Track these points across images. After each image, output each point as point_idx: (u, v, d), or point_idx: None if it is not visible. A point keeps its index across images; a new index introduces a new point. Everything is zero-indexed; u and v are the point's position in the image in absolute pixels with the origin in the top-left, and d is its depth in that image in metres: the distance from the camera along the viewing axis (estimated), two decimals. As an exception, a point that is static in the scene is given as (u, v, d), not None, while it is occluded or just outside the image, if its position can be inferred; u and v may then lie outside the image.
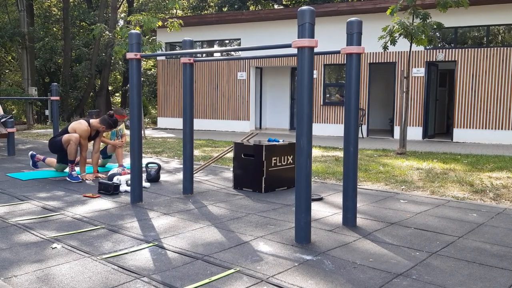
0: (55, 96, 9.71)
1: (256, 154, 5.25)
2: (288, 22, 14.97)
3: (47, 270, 2.82)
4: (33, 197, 4.85)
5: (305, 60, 3.27)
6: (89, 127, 6.08)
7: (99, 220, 3.97)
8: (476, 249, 3.29)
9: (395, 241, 3.48)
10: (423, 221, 4.05)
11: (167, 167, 7.13)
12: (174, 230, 3.70)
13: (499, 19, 12.41)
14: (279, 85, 16.93)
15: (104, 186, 5.08)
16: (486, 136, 12.51)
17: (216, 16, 16.79)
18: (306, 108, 3.29)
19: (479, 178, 6.22)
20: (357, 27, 3.73)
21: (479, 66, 12.59)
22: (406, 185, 5.77)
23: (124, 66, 26.42)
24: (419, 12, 8.73)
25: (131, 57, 4.48)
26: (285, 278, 2.73)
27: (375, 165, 7.44)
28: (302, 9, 3.24)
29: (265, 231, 3.71)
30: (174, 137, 13.34)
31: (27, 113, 20.03)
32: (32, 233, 3.57)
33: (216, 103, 16.63)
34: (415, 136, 13.07)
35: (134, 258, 3.04)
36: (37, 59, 22.84)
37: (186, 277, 2.73)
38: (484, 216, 4.25)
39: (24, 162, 7.43)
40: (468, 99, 12.74)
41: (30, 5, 21.52)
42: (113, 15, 22.02)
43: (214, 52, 7.69)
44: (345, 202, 3.88)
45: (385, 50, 8.95)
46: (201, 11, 24.60)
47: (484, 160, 8.16)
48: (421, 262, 3.01)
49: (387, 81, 15.34)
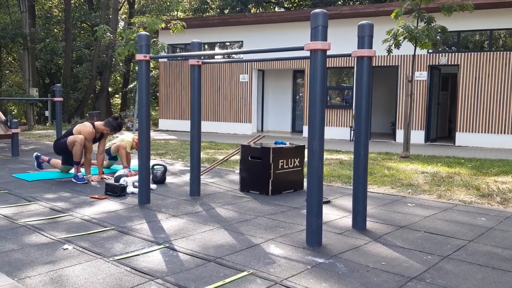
0: (58, 97, 9.70)
1: (263, 157, 5.25)
2: (291, 25, 14.98)
3: (60, 271, 2.81)
4: (40, 198, 4.84)
5: (318, 63, 3.27)
6: (93, 129, 6.08)
7: (108, 222, 3.96)
8: (488, 253, 3.29)
9: (406, 244, 3.47)
10: (432, 225, 4.04)
11: (172, 169, 7.12)
12: (184, 232, 3.69)
13: (502, 24, 12.44)
14: (281, 87, 16.93)
15: (111, 188, 5.07)
16: (488, 140, 12.51)
17: (219, 19, 16.82)
18: (318, 111, 3.29)
19: (485, 182, 6.22)
20: (369, 30, 3.73)
21: (481, 70, 12.60)
22: (413, 189, 5.77)
23: (124, 68, 26.41)
24: (424, 15, 8.74)
25: (141, 59, 4.48)
26: (298, 281, 2.72)
27: (379, 168, 7.44)
28: (316, 11, 3.24)
29: (275, 233, 3.70)
30: (176, 139, 13.33)
31: (27, 114, 20.01)
32: (43, 234, 3.56)
33: (218, 106, 16.63)
34: (418, 139, 13.07)
35: (146, 260, 3.03)
36: (37, 60, 22.84)
37: (199, 279, 2.72)
38: (493, 220, 4.24)
39: (28, 163, 7.42)
40: (471, 103, 12.75)
41: (32, 6, 21.54)
42: (114, 17, 22.04)
43: (225, 54, 7.70)
44: (355, 205, 3.88)
45: (389, 54, 8.96)
46: (202, 13, 24.62)
47: (488, 164, 8.16)
48: (434, 266, 3.01)
49: (388, 85, 15.34)
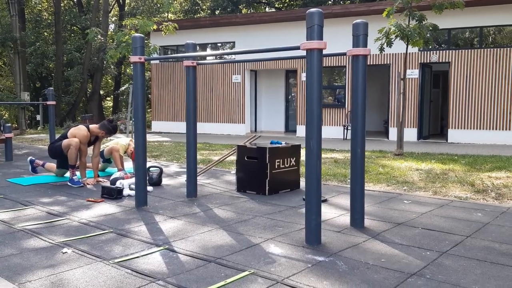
0: (51, 101, 9.64)
1: (260, 157, 5.26)
2: (283, 25, 15.01)
3: (61, 275, 2.80)
4: (36, 202, 4.81)
5: (314, 62, 3.28)
6: (88, 133, 6.06)
7: (106, 225, 3.95)
8: (486, 248, 3.32)
9: (404, 241, 3.50)
10: (429, 221, 4.07)
11: (167, 170, 7.10)
12: (183, 234, 3.69)
13: (492, 21, 12.55)
14: (273, 87, 16.95)
15: (107, 191, 5.06)
16: (480, 136, 12.61)
17: (210, 20, 16.81)
18: (316, 110, 3.30)
19: (479, 178, 6.28)
20: (363, 29, 3.75)
21: (472, 67, 12.71)
22: (408, 186, 5.80)
23: (116, 70, 26.28)
24: (415, 13, 8.79)
25: (135, 61, 4.47)
26: (300, 279, 2.73)
27: (374, 166, 7.48)
28: (311, 11, 3.25)
29: (274, 233, 3.71)
30: (170, 140, 13.30)
31: (19, 119, 19.88)
32: (41, 238, 3.54)
33: (211, 107, 16.61)
34: (410, 137, 13.15)
35: (146, 262, 3.02)
36: (28, 64, 22.68)
37: (201, 280, 2.72)
38: (489, 216, 4.28)
39: (22, 168, 7.37)
40: (462, 100, 12.85)
41: (21, 10, 21.38)
42: (105, 19, 21.94)
43: (221, 54, 7.67)
44: (353, 203, 3.90)
45: (381, 52, 9.00)
46: (193, 14, 24.58)
47: (481, 160, 8.23)
48: (433, 262, 3.03)
49: (380, 83, 15.41)
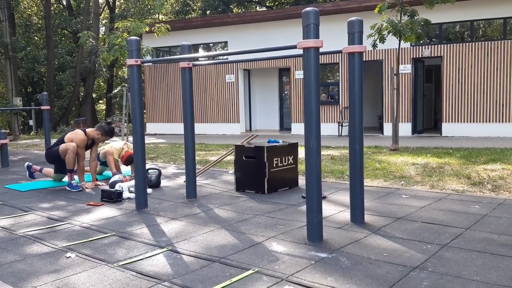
0: (46, 106, 9.61)
1: (258, 156, 5.28)
2: (275, 23, 15.03)
3: (66, 279, 2.81)
4: (36, 208, 4.81)
5: (311, 61, 3.31)
6: (85, 136, 6.05)
7: (108, 228, 3.96)
8: (485, 240, 3.36)
9: (404, 235, 3.53)
10: (428, 215, 4.12)
11: (165, 172, 7.11)
12: (185, 234, 3.70)
13: (482, 14, 12.64)
14: (267, 86, 16.98)
15: (107, 194, 5.06)
16: (474, 129, 12.71)
17: (202, 20, 16.80)
18: (314, 108, 3.33)
19: (475, 171, 6.34)
20: (358, 26, 3.78)
21: (464, 61, 12.80)
22: (405, 181, 5.85)
23: (108, 73, 26.20)
24: (407, 9, 8.85)
25: (132, 64, 4.48)
26: (304, 276, 2.76)
27: (371, 162, 7.52)
28: (307, 10, 3.28)
29: (276, 231, 3.74)
30: (165, 142, 13.29)
31: (12, 124, 19.78)
32: (43, 243, 3.54)
33: (205, 107, 16.61)
34: (405, 132, 13.22)
35: (150, 264, 3.04)
36: (19, 69, 22.56)
37: (206, 280, 2.74)
38: (487, 208, 4.33)
39: (19, 174, 7.35)
40: (455, 93, 12.94)
41: (11, 15, 21.28)
42: (96, 22, 21.89)
43: (218, 55, 7.69)
44: (353, 199, 3.93)
45: (374, 48, 9.05)
46: (185, 15, 24.55)
47: (476, 153, 8.30)
48: (434, 255, 3.07)
49: (374, 79, 15.47)
